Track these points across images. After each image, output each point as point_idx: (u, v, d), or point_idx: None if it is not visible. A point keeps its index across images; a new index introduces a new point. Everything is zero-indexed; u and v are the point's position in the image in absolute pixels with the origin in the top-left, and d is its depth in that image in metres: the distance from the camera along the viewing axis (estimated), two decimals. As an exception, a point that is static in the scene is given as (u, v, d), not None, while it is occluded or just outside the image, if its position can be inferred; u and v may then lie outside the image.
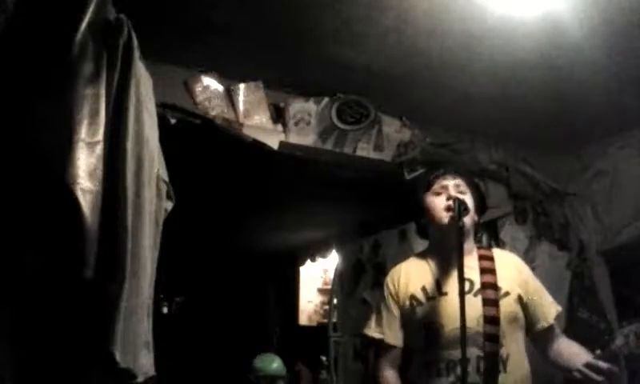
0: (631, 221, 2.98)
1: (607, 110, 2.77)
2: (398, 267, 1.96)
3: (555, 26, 2.06)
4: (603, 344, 1.68)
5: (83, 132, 1.35)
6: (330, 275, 4.88)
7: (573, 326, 1.89)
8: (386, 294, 1.91)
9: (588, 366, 1.59)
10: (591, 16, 2.01)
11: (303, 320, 5.84)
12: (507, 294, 1.75)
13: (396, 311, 1.86)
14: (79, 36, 1.37)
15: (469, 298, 1.71)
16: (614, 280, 3.10)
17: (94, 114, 1.37)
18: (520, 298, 1.77)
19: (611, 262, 3.12)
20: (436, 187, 1.84)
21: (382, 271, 3.63)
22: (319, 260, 5.63)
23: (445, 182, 1.83)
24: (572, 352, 1.75)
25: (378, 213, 4.02)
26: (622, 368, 1.56)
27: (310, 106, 2.64)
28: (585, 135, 3.13)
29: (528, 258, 2.89)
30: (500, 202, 3.09)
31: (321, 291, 5.93)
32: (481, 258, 1.83)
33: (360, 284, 3.84)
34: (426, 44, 2.21)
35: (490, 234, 3.05)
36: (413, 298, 1.82)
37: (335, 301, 4.28)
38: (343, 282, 4.07)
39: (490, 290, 1.74)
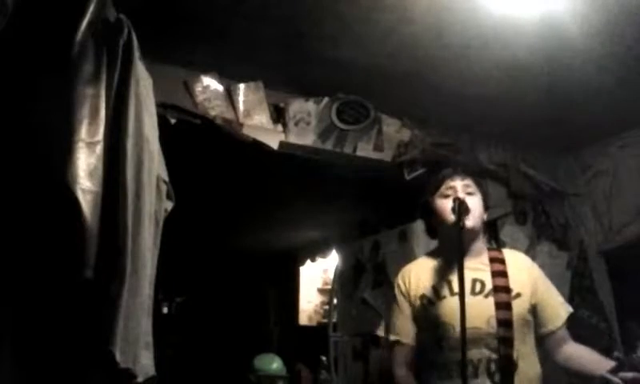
0: (631, 220, 2.98)
1: (607, 110, 2.77)
2: (408, 267, 1.94)
3: (555, 26, 2.06)
4: (606, 346, 1.65)
5: (83, 132, 1.35)
6: (330, 275, 4.87)
7: (573, 326, 1.87)
8: (397, 293, 1.89)
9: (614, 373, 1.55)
10: (591, 16, 2.01)
11: (303, 320, 5.84)
12: (519, 295, 1.74)
13: (408, 310, 1.85)
14: (79, 36, 1.37)
15: (480, 299, 1.71)
16: (613, 280, 3.10)
17: (94, 114, 1.37)
18: (531, 300, 1.75)
19: (611, 262, 3.12)
20: (444, 189, 1.81)
21: (382, 271, 3.62)
22: (319, 260, 5.63)
23: (453, 183, 1.81)
24: (585, 357, 1.72)
25: (378, 213, 4.02)
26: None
27: (310, 105, 2.64)
28: (585, 135, 3.13)
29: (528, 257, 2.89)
30: (500, 202, 3.09)
31: (321, 291, 5.92)
32: (492, 259, 1.81)
33: (360, 284, 3.83)
34: (425, 44, 2.21)
35: (490, 234, 3.05)
36: (424, 297, 1.81)
37: (335, 301, 4.27)
38: (343, 282, 4.07)
39: (503, 294, 1.72)
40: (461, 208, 1.66)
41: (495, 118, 2.88)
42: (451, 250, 1.78)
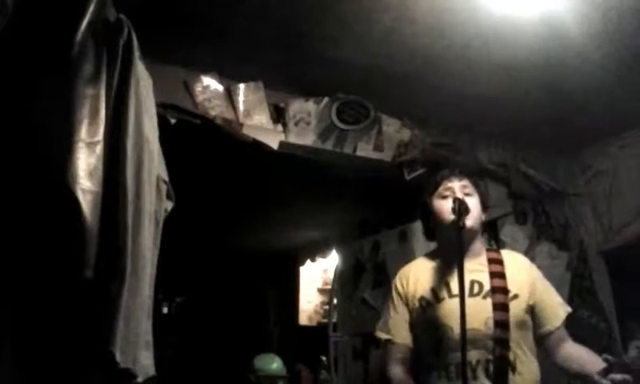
0: (631, 220, 2.97)
1: (607, 110, 2.77)
2: (406, 268, 1.95)
3: (555, 26, 2.06)
4: (606, 346, 1.65)
5: (83, 132, 1.35)
6: (330, 275, 4.87)
7: (573, 326, 1.87)
8: (394, 294, 1.90)
9: (604, 375, 1.55)
10: (591, 16, 2.01)
11: (303, 320, 5.84)
12: (516, 296, 1.74)
13: (404, 312, 1.85)
14: (79, 36, 1.37)
15: (478, 300, 1.72)
16: (613, 280, 3.10)
17: (94, 114, 1.37)
18: (528, 301, 1.76)
19: (611, 262, 3.12)
20: (442, 190, 1.82)
21: (382, 271, 3.62)
22: (319, 260, 5.62)
23: (450, 184, 1.82)
24: (583, 357, 1.72)
25: (378, 213, 4.02)
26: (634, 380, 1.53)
27: (310, 106, 2.64)
28: (585, 135, 3.13)
29: (528, 258, 2.88)
30: (500, 202, 3.09)
31: (321, 291, 5.92)
32: (490, 260, 1.81)
33: (360, 284, 3.83)
34: (425, 44, 2.21)
35: (490, 234, 3.05)
36: (422, 299, 1.81)
37: (335, 301, 4.27)
38: (343, 282, 4.07)
39: (500, 295, 1.73)
40: (461, 208, 1.67)
41: (495, 118, 2.87)
42: (450, 250, 1.79)
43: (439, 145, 2.93)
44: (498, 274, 1.77)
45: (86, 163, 1.33)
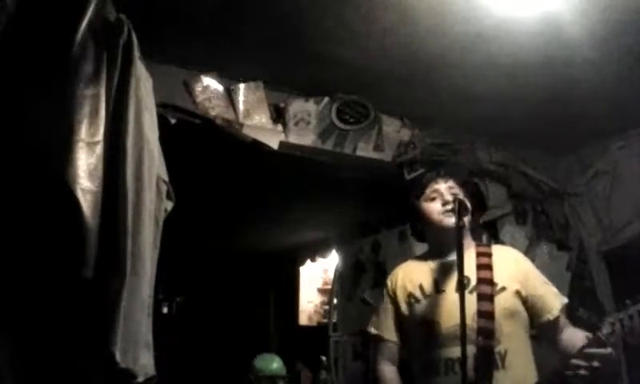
0: (631, 220, 2.97)
1: (607, 109, 2.76)
2: (398, 268, 2.00)
3: (555, 26, 2.06)
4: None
5: (83, 132, 1.35)
6: (330, 275, 4.88)
7: (572, 326, 1.87)
8: (384, 292, 1.95)
9: (580, 356, 1.55)
10: (591, 16, 2.01)
11: (303, 320, 5.83)
12: (504, 289, 1.74)
13: (393, 309, 1.90)
14: (79, 36, 1.38)
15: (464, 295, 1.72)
16: (613, 280, 3.10)
17: (94, 114, 1.38)
18: (519, 293, 1.75)
19: (611, 262, 3.12)
20: (429, 192, 1.86)
21: (382, 271, 3.63)
22: (319, 260, 5.62)
23: (437, 186, 1.85)
24: (572, 341, 1.71)
25: (378, 213, 4.02)
26: (612, 354, 1.53)
27: (310, 106, 2.64)
28: (585, 135, 3.13)
29: (528, 258, 2.88)
30: (500, 202, 3.09)
31: (321, 291, 5.92)
32: (478, 254, 1.83)
33: (360, 284, 3.84)
34: (426, 44, 2.21)
35: (490, 234, 3.05)
36: (411, 296, 1.85)
37: (335, 301, 4.28)
38: (343, 282, 4.08)
39: (485, 286, 1.74)
40: (461, 207, 1.68)
41: (495, 117, 2.87)
42: (440, 249, 1.85)
43: (439, 145, 2.93)
44: (484, 266, 1.79)
45: (86, 163, 1.34)
